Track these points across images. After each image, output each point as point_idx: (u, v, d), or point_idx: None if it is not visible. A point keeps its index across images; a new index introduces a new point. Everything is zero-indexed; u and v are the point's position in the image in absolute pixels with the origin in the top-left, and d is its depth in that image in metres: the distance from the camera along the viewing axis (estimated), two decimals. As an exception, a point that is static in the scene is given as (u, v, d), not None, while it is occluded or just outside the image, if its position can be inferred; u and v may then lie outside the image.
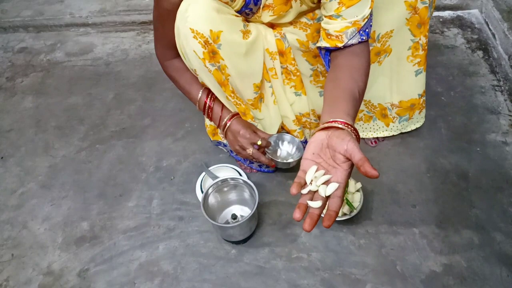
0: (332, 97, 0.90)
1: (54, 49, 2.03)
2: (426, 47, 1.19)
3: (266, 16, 1.11)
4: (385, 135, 1.40)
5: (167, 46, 1.12)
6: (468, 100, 1.52)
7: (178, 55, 1.13)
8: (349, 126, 0.79)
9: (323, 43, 1.02)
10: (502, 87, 1.56)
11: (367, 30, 0.98)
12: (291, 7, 1.09)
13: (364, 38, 0.98)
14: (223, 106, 1.19)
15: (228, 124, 1.19)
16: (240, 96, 1.16)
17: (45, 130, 1.63)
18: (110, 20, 2.09)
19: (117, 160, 1.48)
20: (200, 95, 1.18)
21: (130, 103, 1.69)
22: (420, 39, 1.17)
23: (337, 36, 0.98)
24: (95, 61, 1.92)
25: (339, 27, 0.97)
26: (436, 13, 1.89)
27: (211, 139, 1.39)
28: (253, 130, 1.18)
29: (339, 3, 0.95)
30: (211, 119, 1.23)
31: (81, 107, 1.70)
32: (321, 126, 0.80)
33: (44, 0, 2.22)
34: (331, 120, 0.80)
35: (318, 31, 1.14)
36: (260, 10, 1.08)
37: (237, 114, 1.20)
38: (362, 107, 1.34)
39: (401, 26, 1.14)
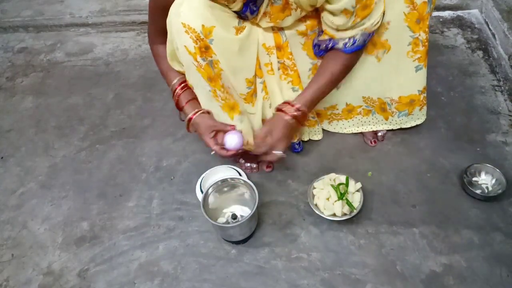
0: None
1: (54, 49, 2.03)
2: (426, 43, 1.19)
3: (264, 22, 1.11)
4: (384, 128, 1.40)
5: (157, 32, 1.18)
6: (468, 100, 1.52)
7: (164, 42, 1.16)
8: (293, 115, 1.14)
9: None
10: (502, 87, 1.56)
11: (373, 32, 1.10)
12: (289, 14, 1.09)
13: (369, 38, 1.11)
14: (190, 100, 1.22)
15: (193, 119, 1.20)
16: (232, 91, 1.16)
17: (45, 130, 1.63)
18: (110, 20, 2.09)
19: (117, 160, 1.48)
20: (175, 81, 1.22)
21: (130, 103, 1.69)
22: (419, 34, 1.17)
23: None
24: (95, 61, 1.92)
25: (350, 34, 1.08)
26: (436, 13, 1.89)
27: None
28: (213, 131, 1.19)
29: (355, 16, 1.03)
30: (178, 107, 1.25)
31: (81, 107, 1.70)
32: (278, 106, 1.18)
33: (44, 0, 2.22)
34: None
35: (318, 21, 1.17)
36: (258, 17, 1.09)
37: (203, 111, 1.20)
38: (360, 102, 1.35)
39: (399, 22, 1.14)
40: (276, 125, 1.16)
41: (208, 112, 1.21)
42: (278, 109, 1.17)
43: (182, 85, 1.22)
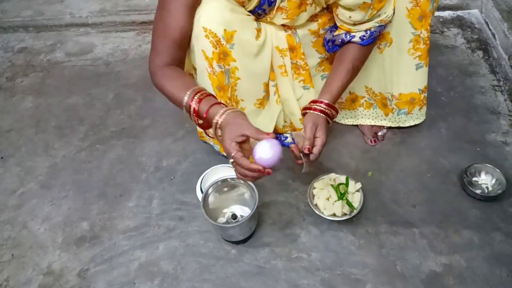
0: (330, 76, 1.17)
1: (54, 49, 2.03)
2: (428, 42, 1.19)
3: (279, 18, 1.11)
4: (383, 124, 1.40)
5: (171, 62, 1.04)
6: (468, 100, 1.52)
7: (177, 64, 1.05)
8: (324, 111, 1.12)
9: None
10: (502, 87, 1.56)
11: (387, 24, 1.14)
12: (304, 10, 1.10)
13: (382, 30, 1.14)
14: (213, 104, 0.96)
15: (220, 119, 0.95)
16: (241, 104, 1.16)
17: (45, 130, 1.63)
18: (110, 20, 2.09)
19: (117, 160, 1.48)
20: (186, 98, 0.97)
21: (130, 103, 1.69)
22: (421, 32, 1.17)
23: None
24: (95, 61, 1.92)
25: (366, 27, 1.10)
26: (436, 13, 1.87)
27: (199, 138, 1.40)
28: (242, 135, 0.93)
29: (372, 9, 1.04)
30: (202, 122, 1.01)
31: (81, 107, 1.70)
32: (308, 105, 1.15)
33: (44, 0, 2.22)
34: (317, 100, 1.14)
35: (330, 19, 1.18)
36: (274, 11, 1.09)
37: (234, 109, 0.97)
38: (363, 93, 1.35)
39: (401, 17, 1.15)
40: (320, 125, 1.11)
41: (242, 113, 0.97)
42: (308, 108, 1.14)
43: (197, 95, 0.96)
